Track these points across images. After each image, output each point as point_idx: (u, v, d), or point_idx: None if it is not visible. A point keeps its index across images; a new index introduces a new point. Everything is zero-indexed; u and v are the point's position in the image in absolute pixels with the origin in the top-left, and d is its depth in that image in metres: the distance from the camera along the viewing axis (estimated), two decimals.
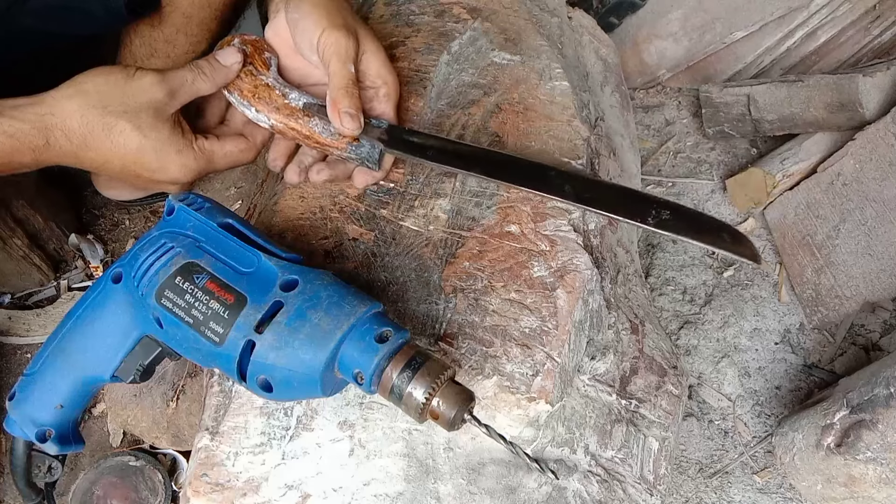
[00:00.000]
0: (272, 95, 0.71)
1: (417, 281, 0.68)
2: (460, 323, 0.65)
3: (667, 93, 1.47)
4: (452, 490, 0.62)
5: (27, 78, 0.75)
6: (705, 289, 1.21)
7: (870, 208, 1.09)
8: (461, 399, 0.51)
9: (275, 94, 0.71)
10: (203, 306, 0.54)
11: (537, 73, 0.83)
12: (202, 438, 0.63)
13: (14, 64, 0.90)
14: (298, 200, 0.75)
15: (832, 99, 1.17)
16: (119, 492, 0.99)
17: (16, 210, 1.18)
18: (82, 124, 0.65)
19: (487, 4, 0.91)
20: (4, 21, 0.88)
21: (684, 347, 1.15)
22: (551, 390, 0.62)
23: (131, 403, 0.98)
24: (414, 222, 0.72)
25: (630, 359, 0.78)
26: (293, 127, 0.70)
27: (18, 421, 0.60)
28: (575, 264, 0.68)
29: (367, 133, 0.69)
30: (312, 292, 0.53)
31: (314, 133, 0.70)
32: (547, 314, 0.65)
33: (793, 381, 1.11)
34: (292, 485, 0.61)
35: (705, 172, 1.36)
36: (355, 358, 0.52)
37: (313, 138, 0.70)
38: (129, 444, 1.06)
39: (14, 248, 1.16)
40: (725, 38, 1.36)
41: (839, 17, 1.30)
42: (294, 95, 0.71)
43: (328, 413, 0.63)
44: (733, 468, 1.04)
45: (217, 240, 0.58)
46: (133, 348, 0.59)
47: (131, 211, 1.34)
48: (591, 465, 0.71)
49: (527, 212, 0.72)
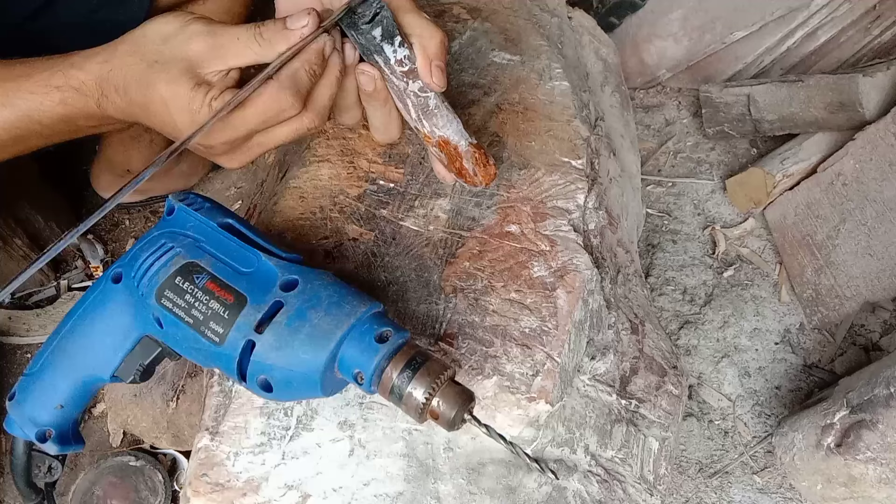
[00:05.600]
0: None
1: (417, 281, 0.68)
2: (460, 323, 0.65)
3: (667, 93, 1.47)
4: (452, 490, 0.62)
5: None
6: (705, 289, 1.21)
7: (870, 208, 1.09)
8: (461, 399, 0.51)
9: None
10: (203, 306, 0.54)
11: (537, 73, 0.83)
12: (202, 438, 0.63)
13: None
14: (298, 200, 0.75)
15: (832, 99, 1.17)
16: (119, 492, 0.99)
17: (16, 210, 1.18)
18: (126, 76, 0.59)
19: (487, 4, 0.91)
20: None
21: (684, 347, 1.15)
22: (551, 390, 0.62)
23: (131, 403, 0.98)
24: (414, 222, 0.72)
25: (630, 359, 0.78)
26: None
27: (18, 421, 0.60)
28: (575, 264, 0.68)
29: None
30: (312, 292, 0.53)
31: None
32: (547, 314, 0.65)
33: (793, 381, 1.11)
34: (292, 485, 0.61)
35: (705, 172, 1.36)
36: (355, 358, 0.52)
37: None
38: (129, 444, 1.06)
39: (14, 249, 1.16)
40: (725, 38, 1.36)
41: (839, 17, 1.30)
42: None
43: (328, 413, 0.63)
44: (733, 468, 1.04)
45: (217, 240, 0.58)
46: (133, 348, 0.59)
47: (131, 211, 1.34)
48: (591, 465, 0.71)
49: (527, 212, 0.72)
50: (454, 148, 0.66)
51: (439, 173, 0.70)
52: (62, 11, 0.88)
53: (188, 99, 0.58)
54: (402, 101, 0.64)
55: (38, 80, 0.62)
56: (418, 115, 0.64)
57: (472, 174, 0.67)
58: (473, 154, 0.66)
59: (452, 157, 0.66)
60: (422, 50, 0.61)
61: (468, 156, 0.66)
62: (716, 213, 1.30)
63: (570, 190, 0.74)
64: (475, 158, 0.66)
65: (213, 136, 0.60)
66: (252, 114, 0.59)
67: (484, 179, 0.67)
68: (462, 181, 0.68)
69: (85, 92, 0.61)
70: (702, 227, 1.28)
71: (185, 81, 0.58)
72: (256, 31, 0.58)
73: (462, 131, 0.65)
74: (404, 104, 0.64)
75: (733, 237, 1.26)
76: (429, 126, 0.65)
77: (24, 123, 0.63)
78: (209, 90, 0.58)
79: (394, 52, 0.60)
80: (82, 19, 0.89)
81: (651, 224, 1.29)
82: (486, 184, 0.68)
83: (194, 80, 0.58)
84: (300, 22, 0.58)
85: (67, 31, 0.84)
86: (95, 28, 0.74)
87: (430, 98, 0.63)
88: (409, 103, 0.63)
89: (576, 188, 0.74)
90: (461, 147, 0.66)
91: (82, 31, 0.76)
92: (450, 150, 0.66)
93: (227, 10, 0.96)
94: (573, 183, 0.74)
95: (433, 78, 0.62)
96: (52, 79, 0.62)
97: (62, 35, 0.78)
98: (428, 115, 0.64)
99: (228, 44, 0.58)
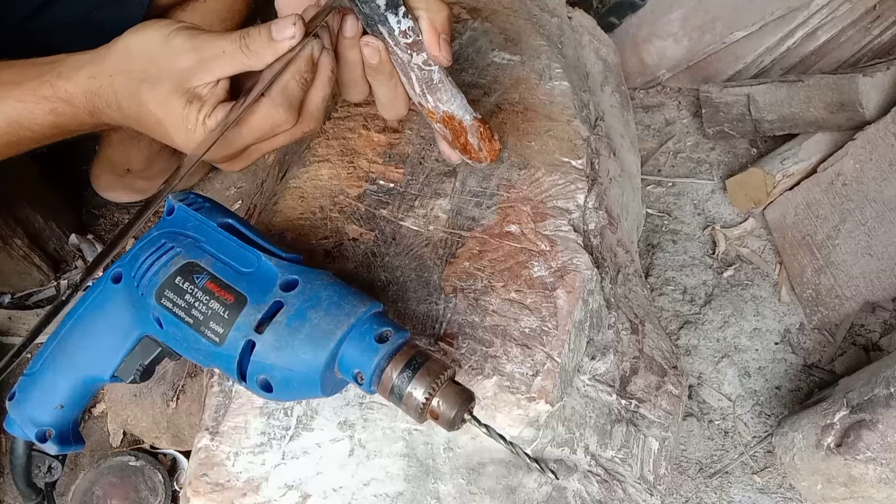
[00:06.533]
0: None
1: (417, 281, 0.68)
2: (460, 323, 0.65)
3: (667, 93, 1.47)
4: (452, 490, 0.62)
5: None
6: (705, 289, 1.21)
7: (870, 208, 1.09)
8: (461, 399, 0.51)
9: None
10: (203, 306, 0.54)
11: (537, 73, 0.83)
12: (202, 438, 0.63)
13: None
14: (298, 200, 0.75)
15: (832, 99, 1.17)
16: (119, 492, 0.99)
17: (16, 210, 1.18)
18: (117, 93, 0.59)
19: (487, 4, 0.91)
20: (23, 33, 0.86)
21: (684, 347, 1.15)
22: (551, 390, 0.62)
23: (131, 403, 0.98)
24: (414, 222, 0.72)
25: (630, 359, 0.78)
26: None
27: (18, 421, 0.60)
28: (575, 264, 0.68)
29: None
30: (312, 292, 0.53)
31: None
32: (547, 314, 0.65)
33: (793, 381, 1.11)
34: (292, 485, 0.61)
35: (705, 172, 1.36)
36: (355, 358, 0.52)
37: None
38: (129, 444, 1.06)
39: (14, 248, 1.16)
40: (725, 38, 1.36)
41: (839, 17, 1.30)
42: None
43: (328, 413, 0.63)
44: (733, 468, 1.04)
45: (217, 240, 0.58)
46: (133, 348, 0.59)
47: (131, 211, 1.34)
48: (591, 465, 0.71)
49: (527, 212, 0.72)
50: (458, 123, 0.65)
51: (444, 152, 0.70)
52: (61, 11, 0.88)
53: (181, 118, 0.58)
54: (405, 75, 0.63)
55: (27, 89, 0.62)
56: (422, 90, 0.63)
57: (478, 149, 0.66)
58: (478, 128, 0.65)
59: (457, 133, 0.66)
60: (429, 23, 0.60)
61: (473, 130, 0.65)
62: (716, 213, 1.30)
63: (570, 190, 0.74)
64: (480, 133, 0.66)
65: (211, 153, 0.60)
66: (248, 132, 0.59)
67: (489, 155, 0.67)
68: (467, 158, 0.67)
69: (75, 104, 0.61)
70: (702, 227, 1.28)
71: (176, 100, 0.57)
72: (242, 42, 0.57)
73: (466, 106, 0.65)
74: (408, 78, 0.63)
75: (733, 237, 1.26)
76: (433, 101, 0.64)
77: (14, 130, 0.63)
78: (201, 107, 0.58)
79: (398, 22, 0.59)
80: (81, 19, 0.89)
81: (651, 224, 1.29)
82: (490, 159, 0.67)
83: (185, 98, 0.57)
84: (286, 32, 0.56)
85: (66, 31, 0.84)
86: (94, 27, 0.74)
87: (433, 72, 0.62)
88: (412, 77, 0.63)
89: (576, 188, 0.74)
90: (466, 122, 0.65)
91: (81, 31, 0.76)
92: (454, 126, 0.65)
93: (228, 9, 0.96)
94: (573, 183, 0.74)
95: (441, 51, 0.61)
96: (41, 89, 0.61)
97: (61, 35, 0.78)
98: (432, 90, 0.63)
99: (214, 58, 0.57)
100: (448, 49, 0.61)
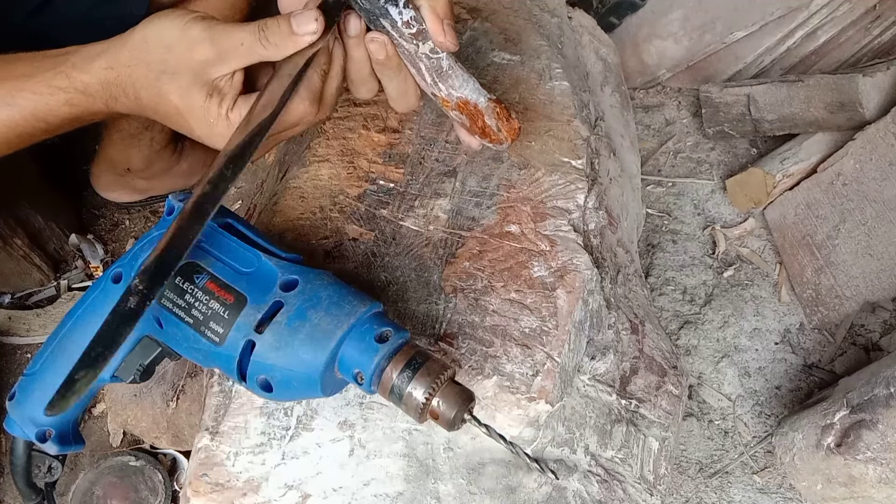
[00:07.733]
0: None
1: (417, 281, 0.68)
2: (460, 323, 0.65)
3: (667, 93, 1.47)
4: (452, 490, 0.62)
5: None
6: (705, 289, 1.21)
7: (870, 208, 1.09)
8: (461, 399, 0.51)
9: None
10: (203, 306, 0.54)
11: (537, 73, 0.83)
12: (202, 438, 0.63)
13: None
14: (298, 200, 0.75)
15: (832, 99, 1.17)
16: (119, 492, 0.99)
17: (16, 210, 1.18)
18: (135, 84, 0.59)
19: (487, 4, 0.91)
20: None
21: (684, 347, 1.15)
22: (551, 390, 0.62)
23: (131, 403, 0.98)
24: (414, 222, 0.72)
25: (630, 359, 0.78)
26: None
27: (18, 421, 0.60)
28: (575, 264, 0.68)
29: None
30: (312, 292, 0.53)
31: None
32: (547, 314, 0.65)
33: (793, 381, 1.11)
34: (292, 485, 0.61)
35: (705, 172, 1.36)
36: (355, 358, 0.52)
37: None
38: (129, 444, 1.06)
39: (14, 248, 1.16)
40: (725, 38, 1.36)
41: (839, 17, 1.30)
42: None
43: (328, 413, 0.63)
44: (733, 468, 1.04)
45: (217, 240, 0.58)
46: (133, 348, 0.59)
47: (131, 211, 1.33)
48: (591, 465, 0.71)
49: (527, 212, 0.72)
50: (474, 106, 0.64)
51: (464, 140, 0.69)
52: (61, 9, 0.88)
53: (203, 111, 0.58)
54: (414, 67, 0.63)
55: (41, 81, 0.62)
56: (433, 79, 0.63)
57: (497, 130, 0.65)
58: (495, 109, 0.64)
59: (474, 117, 0.65)
60: (430, 11, 0.60)
61: (490, 111, 0.64)
62: (716, 213, 1.30)
63: (570, 190, 0.74)
64: (497, 114, 0.65)
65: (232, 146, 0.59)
66: (274, 126, 0.59)
67: (509, 135, 0.65)
68: (487, 142, 0.66)
69: (91, 94, 0.61)
70: (702, 227, 1.28)
71: (196, 92, 0.58)
72: (262, 34, 0.57)
73: (479, 89, 0.64)
74: (417, 69, 0.63)
75: (733, 237, 1.26)
76: (445, 89, 0.63)
77: (29, 122, 0.63)
78: (222, 100, 0.58)
79: (399, 13, 0.59)
80: (81, 16, 0.89)
81: (651, 224, 1.29)
82: (511, 139, 0.66)
83: (206, 91, 0.58)
84: (309, 27, 0.56)
85: (68, 28, 0.85)
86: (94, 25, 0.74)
87: (442, 59, 0.62)
88: (421, 67, 0.62)
89: (576, 188, 0.74)
90: (481, 104, 0.64)
91: (82, 28, 0.76)
92: (470, 110, 0.64)
93: (230, 5, 0.96)
94: (573, 183, 0.74)
95: (447, 37, 0.60)
96: (56, 80, 0.61)
97: (61, 32, 0.79)
98: (443, 77, 0.63)
99: (232, 49, 0.57)
100: (453, 34, 0.61)
